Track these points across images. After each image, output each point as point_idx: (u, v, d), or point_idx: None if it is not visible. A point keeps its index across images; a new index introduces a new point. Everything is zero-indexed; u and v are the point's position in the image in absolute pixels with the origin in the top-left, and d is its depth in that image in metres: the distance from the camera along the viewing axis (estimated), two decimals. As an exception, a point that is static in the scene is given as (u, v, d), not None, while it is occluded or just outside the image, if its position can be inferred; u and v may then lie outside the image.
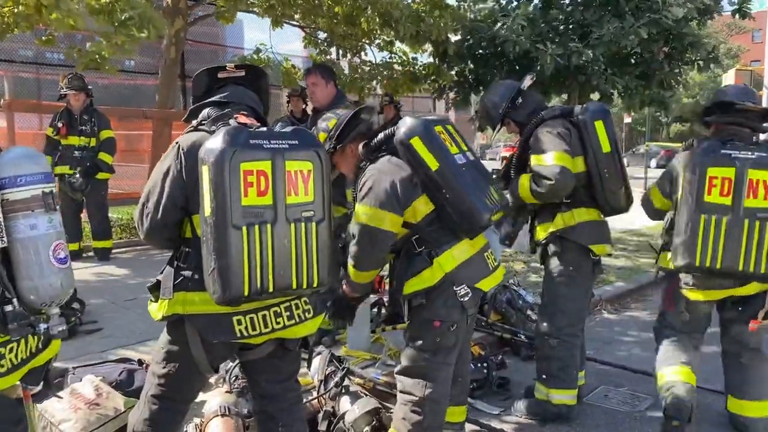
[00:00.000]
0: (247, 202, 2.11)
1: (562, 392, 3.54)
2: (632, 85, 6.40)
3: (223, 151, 2.07)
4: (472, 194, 2.75)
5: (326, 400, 3.50)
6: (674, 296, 3.52)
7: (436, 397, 2.87)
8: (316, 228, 2.26)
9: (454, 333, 2.82)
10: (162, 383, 2.47)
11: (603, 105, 3.59)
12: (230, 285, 2.11)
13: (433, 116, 2.93)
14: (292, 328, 2.42)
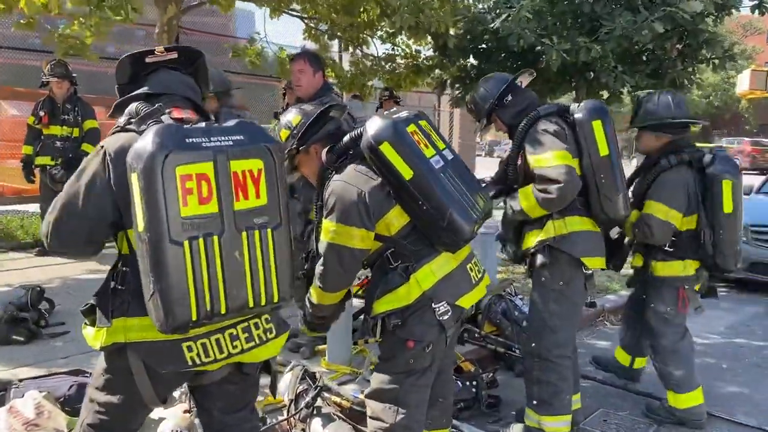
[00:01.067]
0: (187, 213, 1.79)
1: (555, 419, 3.21)
2: (642, 84, 6.04)
3: (154, 154, 1.75)
4: (453, 204, 2.41)
5: (296, 421, 3.22)
6: (687, 295, 3.57)
7: (408, 424, 2.55)
8: (272, 235, 1.94)
9: (429, 354, 2.51)
10: (101, 412, 2.14)
11: (601, 103, 3.26)
12: (174, 311, 1.79)
13: (403, 113, 2.55)
14: (252, 351, 2.10)
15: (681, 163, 3.46)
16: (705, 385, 4.15)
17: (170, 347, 1.97)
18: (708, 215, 3.44)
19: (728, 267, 3.52)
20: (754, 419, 3.72)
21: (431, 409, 2.84)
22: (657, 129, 3.55)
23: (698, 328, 5.48)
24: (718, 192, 3.40)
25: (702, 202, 3.46)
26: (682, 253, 3.51)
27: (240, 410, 2.26)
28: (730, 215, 3.41)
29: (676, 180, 3.45)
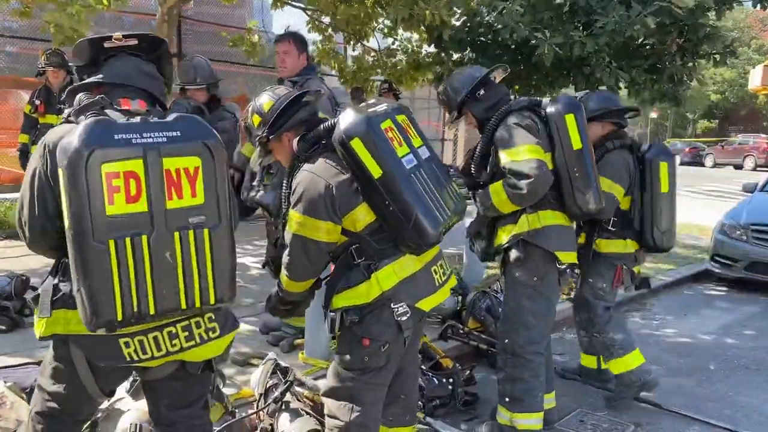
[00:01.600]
0: (113, 211, 1.76)
1: (528, 416, 3.18)
2: (640, 79, 5.94)
3: (78, 150, 1.72)
4: (419, 207, 2.37)
5: (264, 416, 3.20)
6: (623, 274, 3.77)
7: (363, 422, 2.53)
8: (209, 235, 1.89)
9: (385, 353, 2.47)
10: (48, 401, 2.15)
11: (573, 98, 3.23)
12: (98, 310, 1.78)
13: (381, 107, 2.48)
14: (193, 350, 2.07)
15: (623, 146, 3.69)
16: (689, 386, 4.13)
17: (108, 342, 1.95)
18: (646, 195, 3.68)
19: (665, 245, 3.75)
20: (734, 423, 3.65)
21: (392, 406, 2.82)
22: (602, 118, 3.71)
23: (691, 327, 5.46)
24: (656, 173, 3.65)
25: (641, 183, 3.70)
26: (623, 233, 3.71)
27: (187, 407, 2.24)
28: (665, 194, 3.67)
29: (619, 159, 3.65)
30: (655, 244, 3.72)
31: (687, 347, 4.97)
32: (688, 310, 6.07)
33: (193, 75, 4.77)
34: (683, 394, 4.05)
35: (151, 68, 2.20)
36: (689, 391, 4.10)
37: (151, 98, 2.13)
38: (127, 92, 2.09)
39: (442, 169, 2.60)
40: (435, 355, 3.95)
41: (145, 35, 2.20)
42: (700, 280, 7.26)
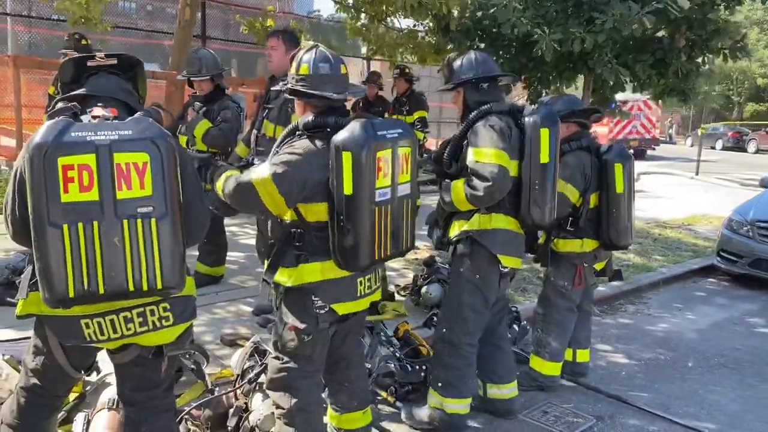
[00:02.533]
0: (67, 199, 1.98)
1: (458, 401, 3.41)
2: (644, 75, 5.94)
3: (38, 145, 1.96)
4: (364, 239, 2.59)
5: (240, 395, 3.45)
6: (584, 273, 3.94)
7: (303, 407, 2.80)
8: (156, 225, 2.09)
9: (309, 344, 2.75)
10: (30, 376, 2.44)
11: (553, 111, 3.34)
12: (52, 287, 2.01)
13: (395, 131, 2.67)
14: (146, 335, 2.29)
15: (580, 148, 3.84)
16: (659, 382, 4.24)
17: (71, 323, 2.20)
18: (602, 195, 3.84)
19: (621, 243, 3.92)
20: (696, 420, 3.76)
21: (339, 394, 3.08)
22: (566, 118, 3.83)
23: (682, 323, 5.53)
24: (612, 174, 3.79)
25: (598, 184, 3.84)
26: (580, 233, 3.87)
27: (148, 390, 2.47)
28: (621, 194, 3.81)
29: (574, 161, 3.80)
30: (611, 242, 3.89)
31: (671, 343, 5.06)
32: (684, 305, 6.12)
33: (197, 66, 4.98)
34: (654, 390, 4.16)
35: (126, 84, 2.46)
36: (661, 387, 4.21)
37: (126, 108, 2.35)
38: (104, 102, 2.31)
39: (409, 209, 2.80)
40: (415, 342, 4.15)
41: (123, 55, 2.46)
42: (706, 274, 7.25)
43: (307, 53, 2.78)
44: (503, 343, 3.66)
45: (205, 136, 4.91)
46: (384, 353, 3.90)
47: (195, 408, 3.28)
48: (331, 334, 2.86)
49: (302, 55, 2.80)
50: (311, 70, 2.73)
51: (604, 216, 3.87)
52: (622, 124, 23.15)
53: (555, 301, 3.99)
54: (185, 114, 5.14)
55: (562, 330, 4.00)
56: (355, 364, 3.14)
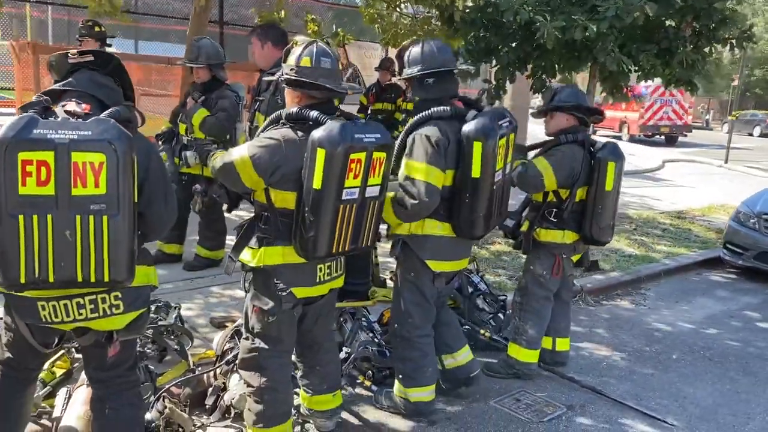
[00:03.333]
0: (24, 192, 2.12)
1: (419, 390, 3.52)
2: (648, 65, 5.89)
3: (1, 140, 2.09)
4: (324, 232, 2.74)
5: (219, 375, 3.62)
6: (562, 264, 4.02)
7: (272, 386, 2.96)
8: (107, 222, 2.21)
9: (275, 325, 2.91)
10: (5, 351, 2.62)
11: (487, 123, 3.20)
12: (6, 272, 2.16)
13: (372, 137, 2.77)
14: (98, 320, 2.43)
15: (574, 141, 3.90)
16: (639, 373, 4.30)
17: (29, 304, 2.37)
18: (590, 190, 3.88)
19: (602, 239, 4.02)
20: (666, 413, 3.82)
21: (310, 377, 3.24)
22: (570, 110, 3.95)
23: (676, 315, 5.56)
24: (603, 171, 3.84)
25: (587, 179, 3.88)
26: (563, 225, 3.94)
27: (110, 369, 2.62)
28: (609, 192, 3.88)
29: (567, 153, 3.88)
30: (592, 237, 3.97)
31: (660, 335, 5.08)
32: (682, 297, 6.12)
33: (196, 54, 5.14)
34: (632, 381, 4.22)
35: (107, 80, 2.58)
36: (639, 379, 4.27)
37: (100, 104, 2.48)
38: (79, 96, 2.45)
39: (374, 210, 2.91)
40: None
41: (99, 52, 2.61)
42: (712, 267, 7.20)
43: (308, 47, 2.91)
44: (446, 317, 3.77)
45: (203, 125, 5.07)
46: (363, 338, 4.03)
47: (175, 386, 3.46)
48: (298, 315, 3.00)
49: (302, 48, 2.92)
50: (313, 63, 2.86)
51: (588, 211, 3.92)
52: (654, 109, 22.76)
53: (532, 289, 4.07)
54: (185, 102, 5.30)
55: (539, 318, 4.09)
56: (327, 349, 3.28)
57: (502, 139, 3.28)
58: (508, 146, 3.38)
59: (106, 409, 2.64)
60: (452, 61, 3.44)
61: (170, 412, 3.22)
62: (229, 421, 3.38)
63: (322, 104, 2.88)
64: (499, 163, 3.29)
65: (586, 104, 4.07)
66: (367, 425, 3.49)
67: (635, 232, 8.13)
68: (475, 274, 4.99)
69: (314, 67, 2.85)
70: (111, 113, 2.36)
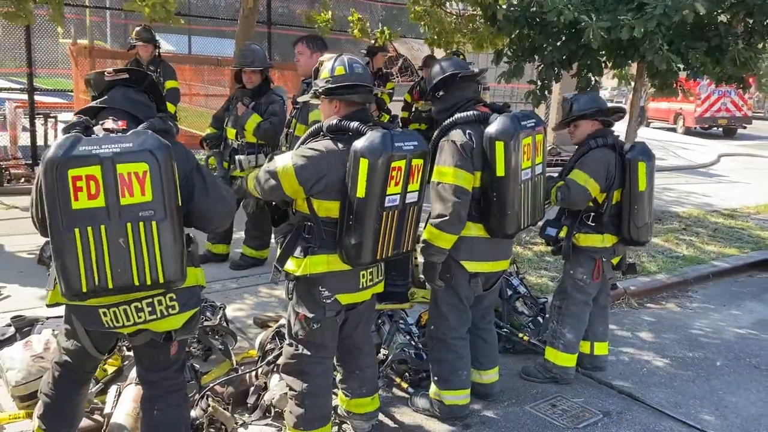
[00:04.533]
0: (77, 206, 2.25)
1: (453, 393, 3.58)
2: (697, 63, 5.74)
3: (50, 159, 2.24)
4: (368, 239, 2.84)
5: (260, 375, 3.75)
6: (602, 268, 4.05)
7: (314, 391, 3.06)
8: (156, 227, 2.34)
9: (319, 331, 3.00)
10: (63, 353, 2.80)
11: (508, 124, 3.26)
12: (68, 283, 2.31)
13: (410, 144, 2.88)
14: (155, 322, 2.58)
15: (605, 145, 3.92)
16: (680, 380, 4.26)
17: (91, 311, 2.53)
18: (624, 192, 3.92)
19: (641, 239, 4.03)
20: (706, 422, 3.77)
21: (349, 381, 3.33)
22: (592, 116, 4.01)
23: (723, 320, 5.45)
24: (635, 172, 3.87)
25: (621, 182, 3.92)
26: (602, 228, 3.98)
27: (161, 370, 2.77)
28: (643, 193, 3.90)
29: (600, 157, 3.90)
30: (631, 238, 3.99)
31: (705, 340, 4.99)
32: (730, 301, 5.97)
33: (251, 59, 5.27)
34: (672, 388, 4.17)
35: (141, 96, 2.73)
36: (680, 386, 4.22)
37: (134, 119, 2.62)
38: (115, 113, 2.59)
39: (417, 214, 3.03)
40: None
41: (134, 70, 2.76)
42: (766, 268, 6.98)
43: (339, 57, 3.05)
44: (486, 334, 3.81)
45: (257, 130, 5.21)
46: (401, 341, 4.11)
47: (219, 384, 3.61)
48: (341, 322, 3.10)
49: (333, 60, 3.05)
50: (347, 70, 2.99)
51: (625, 213, 3.95)
52: (711, 101, 22.03)
53: (572, 293, 4.09)
54: (230, 107, 5.45)
55: (578, 322, 4.09)
56: (366, 353, 3.38)
57: (527, 139, 3.32)
58: (535, 146, 3.42)
59: (154, 410, 2.79)
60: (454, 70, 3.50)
61: (213, 411, 3.37)
62: (270, 419, 3.51)
63: (360, 112, 2.99)
64: (525, 162, 3.35)
65: (606, 106, 4.08)
66: (403, 428, 3.57)
67: (684, 232, 7.95)
68: (514, 277, 5.01)
69: (348, 74, 2.97)
70: (147, 125, 2.49)
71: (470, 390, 3.66)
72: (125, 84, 2.71)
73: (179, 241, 2.44)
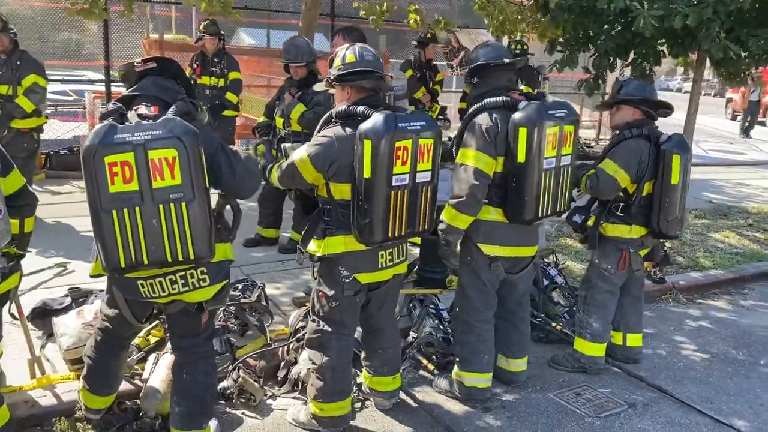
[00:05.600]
0: (114, 189, 2.49)
1: (473, 375, 3.65)
2: (758, 50, 5.50)
3: (88, 147, 2.47)
4: (378, 217, 2.96)
5: (291, 350, 3.95)
6: (629, 258, 3.99)
7: (334, 365, 3.22)
8: (186, 207, 2.56)
9: (338, 309, 3.16)
10: (104, 320, 3.08)
11: (533, 111, 3.31)
12: (108, 259, 2.57)
13: (417, 124, 3.00)
14: (187, 293, 2.82)
15: (640, 135, 3.84)
16: (717, 376, 4.19)
17: (130, 283, 2.79)
18: (656, 184, 3.84)
19: (670, 233, 3.94)
20: (736, 418, 3.69)
21: (373, 359, 3.50)
22: (637, 104, 3.91)
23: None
24: (669, 164, 3.79)
25: (654, 173, 3.84)
26: (630, 219, 3.92)
27: (191, 337, 3.01)
28: (676, 186, 3.80)
29: (632, 147, 3.83)
30: (660, 231, 3.91)
31: (752, 339, 4.83)
32: (789, 299, 5.73)
33: (294, 53, 5.47)
34: (707, 384, 4.09)
35: (169, 83, 2.95)
36: (716, 382, 4.12)
37: (164, 104, 2.82)
38: (148, 100, 2.82)
39: (432, 193, 3.14)
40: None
41: (160, 59, 3.00)
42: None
43: (350, 47, 3.21)
44: (520, 323, 3.84)
45: (301, 119, 5.41)
46: (430, 325, 4.21)
47: (252, 358, 3.82)
48: (361, 302, 3.24)
49: (345, 49, 3.21)
50: (357, 57, 3.15)
51: (656, 205, 3.88)
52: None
53: (596, 283, 4.07)
54: (281, 97, 5.67)
55: (604, 311, 4.07)
56: (389, 334, 3.51)
57: (553, 128, 3.35)
58: (563, 136, 3.43)
59: (183, 374, 3.03)
60: (492, 58, 3.56)
61: (243, 381, 3.59)
62: (297, 392, 3.70)
63: (370, 97, 3.13)
64: (550, 151, 3.37)
65: (654, 97, 3.99)
66: (422, 407, 3.67)
67: (750, 228, 7.63)
68: (552, 267, 5.00)
69: (359, 61, 3.13)
70: (173, 111, 2.69)
71: (492, 375, 3.73)
72: (155, 73, 2.93)
73: (207, 220, 2.65)
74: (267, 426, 3.43)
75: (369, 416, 3.55)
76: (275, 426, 3.43)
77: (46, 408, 3.31)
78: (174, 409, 3.03)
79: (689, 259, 6.30)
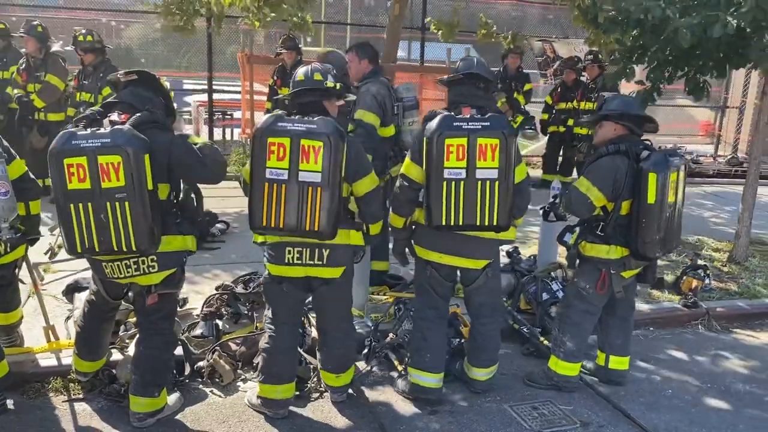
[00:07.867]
0: (71, 187, 3.02)
1: (419, 372, 3.80)
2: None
3: (51, 150, 3.03)
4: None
5: (269, 339, 4.30)
6: (608, 280, 3.88)
7: (269, 349, 3.59)
8: (129, 206, 3.04)
9: (267, 296, 3.68)
10: (91, 294, 3.65)
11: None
12: (68, 244, 3.13)
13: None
14: (138, 277, 3.31)
15: (618, 152, 3.76)
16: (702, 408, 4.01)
17: (98, 264, 3.33)
18: (634, 204, 3.73)
19: (648, 254, 3.80)
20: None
21: (320, 353, 3.85)
22: (617, 119, 3.86)
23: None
24: (645, 183, 3.65)
25: (632, 191, 3.73)
26: (609, 239, 3.83)
27: (147, 315, 3.47)
28: (652, 206, 3.66)
29: (606, 165, 3.77)
30: (638, 252, 3.78)
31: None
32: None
33: None
34: (685, 413, 3.88)
35: (148, 92, 3.42)
36: (697, 414, 3.88)
37: (136, 112, 3.26)
38: (123, 108, 3.31)
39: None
40: (458, 324, 4.50)
41: (142, 72, 3.48)
42: None
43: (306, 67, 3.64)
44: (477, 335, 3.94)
45: None
46: (406, 327, 4.37)
47: (234, 342, 4.22)
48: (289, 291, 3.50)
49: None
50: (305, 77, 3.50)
51: (633, 225, 3.76)
52: None
53: (573, 301, 4.02)
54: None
55: (578, 331, 4.00)
56: (333, 336, 3.72)
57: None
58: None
59: (141, 347, 3.52)
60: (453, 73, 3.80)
61: (214, 362, 4.00)
62: (264, 378, 4.03)
63: None
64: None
65: (634, 112, 3.88)
66: (370, 404, 3.83)
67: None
68: (555, 282, 4.93)
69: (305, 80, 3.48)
70: (133, 120, 3.16)
71: (442, 376, 3.83)
72: (136, 84, 3.43)
73: (148, 218, 3.10)
74: (226, 403, 3.79)
75: (318, 406, 3.79)
76: (232, 405, 3.78)
77: (47, 368, 3.93)
78: (133, 377, 3.51)
79: (744, 286, 5.83)
